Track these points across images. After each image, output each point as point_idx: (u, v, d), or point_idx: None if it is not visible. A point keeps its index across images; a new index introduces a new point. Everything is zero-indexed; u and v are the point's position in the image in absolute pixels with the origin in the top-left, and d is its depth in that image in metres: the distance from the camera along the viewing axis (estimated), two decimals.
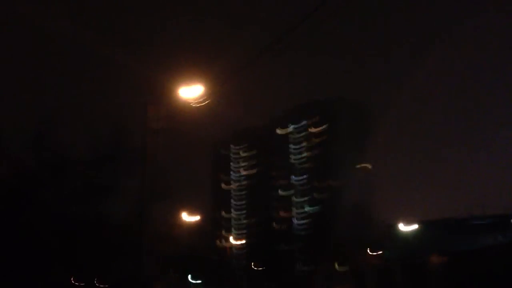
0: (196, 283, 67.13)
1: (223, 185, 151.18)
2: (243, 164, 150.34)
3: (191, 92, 15.63)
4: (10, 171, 21.73)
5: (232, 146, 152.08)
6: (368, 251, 67.22)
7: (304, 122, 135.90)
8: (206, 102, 15.17)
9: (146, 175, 17.90)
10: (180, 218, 35.98)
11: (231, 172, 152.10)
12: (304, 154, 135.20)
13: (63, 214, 23.40)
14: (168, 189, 24.72)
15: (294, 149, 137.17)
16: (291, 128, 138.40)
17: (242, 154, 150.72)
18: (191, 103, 15.57)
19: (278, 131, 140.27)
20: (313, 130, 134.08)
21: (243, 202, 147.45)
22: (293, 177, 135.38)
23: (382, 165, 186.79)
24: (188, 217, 37.32)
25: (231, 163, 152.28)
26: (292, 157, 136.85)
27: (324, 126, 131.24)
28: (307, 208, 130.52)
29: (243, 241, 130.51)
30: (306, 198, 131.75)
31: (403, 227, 52.26)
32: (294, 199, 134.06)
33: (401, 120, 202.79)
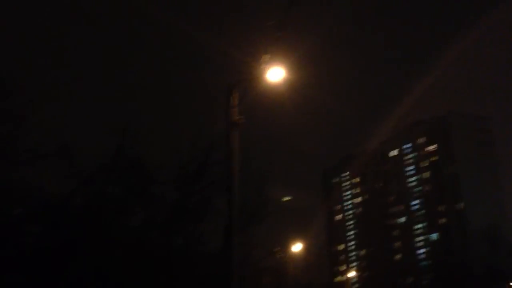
0: None
1: (336, 217, 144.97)
2: (355, 192, 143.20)
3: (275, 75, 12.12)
4: (91, 196, 19.14)
5: (342, 173, 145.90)
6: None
7: (418, 141, 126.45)
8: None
9: (234, 188, 13.66)
10: (287, 248, 31.81)
11: (344, 201, 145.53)
12: (422, 176, 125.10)
13: (151, 243, 20.61)
14: (266, 210, 21.11)
15: (410, 171, 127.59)
16: (404, 148, 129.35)
17: (354, 181, 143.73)
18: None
19: (391, 153, 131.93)
20: (428, 148, 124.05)
21: (359, 232, 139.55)
22: (411, 202, 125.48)
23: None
24: (297, 247, 32.96)
25: (343, 192, 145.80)
26: (408, 180, 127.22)
27: (436, 145, 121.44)
28: (430, 236, 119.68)
29: (363, 275, 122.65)
30: (427, 224, 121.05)
31: None
32: (414, 226, 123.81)
33: None
